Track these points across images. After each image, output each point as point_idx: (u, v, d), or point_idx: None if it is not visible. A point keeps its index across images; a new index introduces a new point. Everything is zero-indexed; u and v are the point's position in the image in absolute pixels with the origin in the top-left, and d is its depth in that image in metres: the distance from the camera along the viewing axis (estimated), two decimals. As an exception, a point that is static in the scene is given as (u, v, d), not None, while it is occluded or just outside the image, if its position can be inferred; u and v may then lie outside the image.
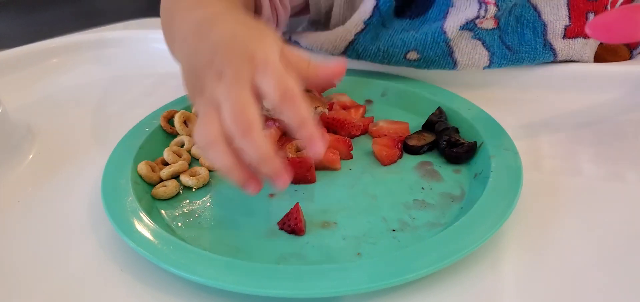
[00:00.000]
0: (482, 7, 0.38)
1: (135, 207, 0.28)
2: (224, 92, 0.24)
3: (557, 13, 0.40)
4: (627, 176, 0.31)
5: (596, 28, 0.31)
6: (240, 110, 0.23)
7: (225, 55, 0.25)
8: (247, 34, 0.27)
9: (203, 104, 0.25)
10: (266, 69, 0.24)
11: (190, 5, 0.33)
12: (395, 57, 0.41)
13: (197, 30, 0.29)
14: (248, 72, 0.24)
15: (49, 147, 0.38)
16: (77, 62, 0.53)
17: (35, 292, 0.25)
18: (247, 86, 0.24)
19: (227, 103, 0.24)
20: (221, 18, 0.29)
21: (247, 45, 0.25)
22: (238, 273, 0.23)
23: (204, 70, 0.26)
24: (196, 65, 0.27)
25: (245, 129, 0.23)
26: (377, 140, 0.35)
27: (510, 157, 0.31)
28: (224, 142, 0.24)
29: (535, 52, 0.40)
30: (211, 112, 0.24)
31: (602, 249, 0.26)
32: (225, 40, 0.26)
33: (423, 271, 0.23)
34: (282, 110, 0.24)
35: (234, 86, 0.24)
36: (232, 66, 0.25)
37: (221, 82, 0.24)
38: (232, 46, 0.26)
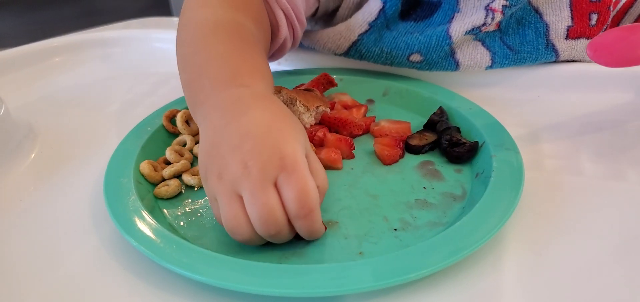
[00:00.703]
0: (488, 15, 0.38)
1: (137, 207, 0.28)
2: (250, 190, 0.24)
3: (559, 14, 0.40)
4: (629, 175, 0.31)
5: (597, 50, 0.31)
6: (269, 218, 0.24)
7: (255, 147, 0.25)
8: (281, 127, 0.26)
9: (223, 188, 0.25)
10: (292, 175, 0.24)
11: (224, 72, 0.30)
12: (398, 59, 0.41)
13: (230, 107, 0.28)
14: (274, 171, 0.24)
15: (50, 146, 0.38)
16: (79, 62, 0.53)
17: (37, 291, 0.25)
18: (271, 186, 0.24)
19: (253, 206, 0.24)
20: (257, 103, 0.28)
21: (278, 143, 0.25)
22: (240, 272, 0.23)
23: (229, 153, 0.25)
24: (221, 144, 0.26)
25: (275, 233, 0.25)
26: (379, 140, 0.35)
27: (512, 157, 0.31)
28: (257, 237, 0.25)
29: (538, 52, 0.40)
30: (235, 204, 0.25)
31: (604, 248, 0.26)
32: (258, 130, 0.26)
33: (425, 270, 0.23)
34: (298, 223, 0.25)
35: (260, 188, 0.24)
36: (260, 162, 0.24)
37: (246, 176, 0.24)
38: (264, 140, 0.25)
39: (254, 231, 0.25)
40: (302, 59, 0.48)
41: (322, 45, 0.44)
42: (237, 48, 0.32)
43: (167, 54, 0.55)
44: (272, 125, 0.26)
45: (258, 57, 0.33)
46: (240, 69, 0.31)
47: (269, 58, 0.41)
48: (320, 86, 0.41)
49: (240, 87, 0.29)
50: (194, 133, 0.37)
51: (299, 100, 0.35)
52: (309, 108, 0.35)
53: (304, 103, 0.35)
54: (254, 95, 0.29)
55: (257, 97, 0.28)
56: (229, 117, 0.27)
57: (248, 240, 0.25)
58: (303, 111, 0.35)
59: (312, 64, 0.47)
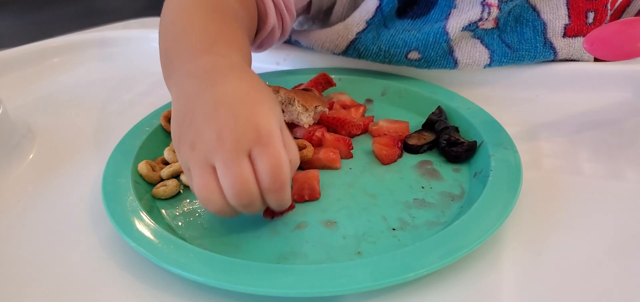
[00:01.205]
0: (485, 10, 0.38)
1: (135, 207, 0.28)
2: (223, 160, 0.24)
3: (556, 12, 0.40)
4: (627, 174, 0.31)
5: (594, 43, 0.31)
6: (242, 189, 0.24)
7: (230, 117, 0.24)
8: (256, 99, 0.25)
9: (196, 158, 0.24)
10: (267, 147, 0.24)
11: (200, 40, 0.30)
12: (396, 57, 0.41)
13: (204, 76, 0.27)
14: (249, 142, 0.24)
15: (49, 146, 0.38)
16: (78, 62, 0.53)
17: (35, 291, 0.25)
18: (245, 157, 0.24)
19: (227, 177, 0.24)
20: (233, 73, 0.27)
21: (253, 114, 0.25)
22: (238, 272, 0.23)
23: (203, 122, 0.25)
24: (195, 112, 0.25)
25: (247, 204, 0.24)
26: (377, 140, 0.35)
27: (510, 156, 0.31)
28: (229, 208, 0.25)
29: (536, 50, 0.41)
30: (208, 175, 0.24)
31: (602, 247, 0.26)
32: (233, 100, 0.25)
33: (423, 269, 0.23)
34: (269, 196, 0.25)
35: (234, 159, 0.24)
36: (235, 133, 0.24)
37: (220, 146, 0.24)
38: (240, 110, 0.25)
39: (226, 201, 0.24)
40: (300, 59, 0.48)
41: (320, 45, 0.44)
42: (216, 19, 0.32)
43: (166, 54, 0.54)
44: (248, 96, 0.25)
45: (237, 31, 0.32)
46: (217, 38, 0.30)
47: (258, 47, 0.41)
48: (319, 86, 0.41)
49: (217, 55, 0.28)
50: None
51: (297, 100, 0.35)
52: (308, 108, 0.35)
53: (302, 103, 0.35)
54: (230, 64, 0.28)
55: (233, 67, 0.28)
56: (204, 85, 0.26)
57: (220, 211, 0.25)
58: (301, 111, 0.35)
59: (310, 63, 0.47)
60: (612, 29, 0.31)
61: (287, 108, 0.35)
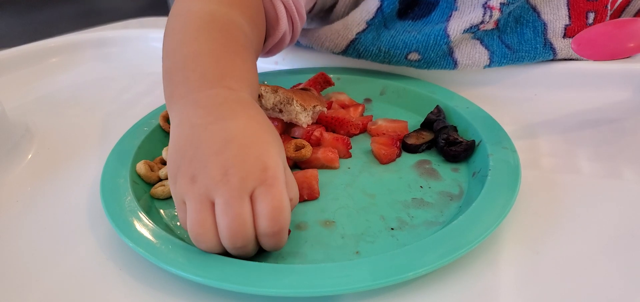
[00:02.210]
0: (486, 12, 0.38)
1: (133, 207, 0.28)
2: (225, 198, 0.23)
3: (556, 13, 0.40)
4: (626, 173, 0.31)
5: (581, 44, 0.31)
6: (238, 232, 0.23)
7: (239, 155, 0.24)
8: (265, 139, 0.25)
9: (196, 192, 0.24)
10: (270, 189, 0.23)
11: (210, 69, 0.29)
12: (396, 58, 0.41)
13: (213, 109, 0.26)
14: (254, 182, 0.23)
15: (47, 146, 0.38)
16: (76, 62, 0.53)
17: (33, 292, 0.25)
18: (248, 197, 0.23)
19: (226, 216, 0.23)
20: (244, 110, 0.27)
21: (262, 154, 0.24)
22: (236, 272, 0.23)
23: (209, 157, 0.24)
24: (200, 145, 0.24)
25: (240, 246, 0.24)
26: (376, 139, 0.35)
27: (509, 156, 0.31)
28: (220, 248, 0.24)
29: (536, 51, 0.40)
30: (206, 211, 0.23)
31: (601, 246, 0.26)
32: (243, 138, 0.25)
33: (421, 269, 0.23)
34: (266, 236, 0.24)
35: (237, 198, 0.23)
36: (242, 171, 0.23)
37: (225, 183, 0.23)
38: (249, 149, 0.24)
39: (218, 241, 0.24)
40: (299, 58, 0.48)
41: (319, 44, 0.44)
42: (228, 49, 0.31)
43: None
44: (257, 135, 0.25)
45: (248, 62, 0.32)
46: (228, 70, 0.29)
47: (267, 53, 0.40)
48: (318, 85, 0.41)
49: (227, 89, 0.28)
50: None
51: (295, 99, 0.35)
52: (306, 107, 0.35)
53: (300, 102, 0.35)
54: (239, 100, 0.27)
55: (243, 104, 0.27)
56: (212, 119, 0.26)
57: (210, 249, 0.24)
58: (300, 111, 0.35)
59: (309, 63, 0.47)
60: (600, 31, 0.31)
61: (285, 108, 0.35)
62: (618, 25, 0.31)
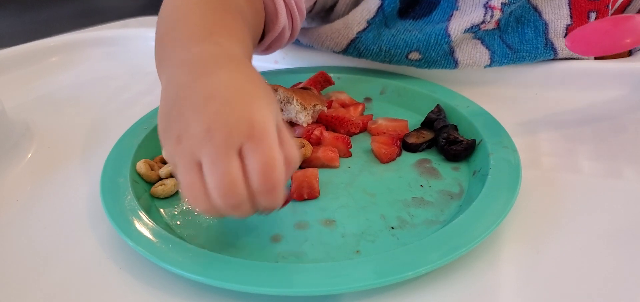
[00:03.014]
0: (487, 12, 0.38)
1: (133, 206, 0.28)
2: (210, 157, 0.22)
3: (558, 12, 0.40)
4: (626, 173, 0.31)
5: (575, 41, 0.31)
6: (228, 189, 0.22)
7: (221, 110, 0.22)
8: (252, 92, 0.24)
9: (182, 153, 0.22)
10: (259, 144, 0.22)
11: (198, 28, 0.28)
12: (396, 57, 0.41)
13: (199, 65, 0.25)
14: (240, 138, 0.22)
15: (47, 145, 0.38)
16: (76, 61, 0.53)
17: (34, 291, 0.25)
18: (235, 154, 0.22)
19: (213, 176, 0.22)
20: (230, 64, 0.25)
21: (248, 108, 0.23)
22: (236, 271, 0.23)
23: (191, 114, 0.23)
24: (183, 103, 0.23)
25: (234, 206, 0.22)
26: (376, 138, 0.35)
27: (509, 155, 0.30)
28: (216, 210, 0.23)
29: (537, 51, 0.40)
30: (194, 172, 0.22)
31: (601, 245, 0.26)
32: (226, 92, 0.23)
33: (422, 268, 0.23)
34: (258, 194, 0.22)
35: (222, 156, 0.22)
36: (226, 127, 0.22)
37: (208, 141, 0.22)
38: (233, 104, 0.23)
39: (211, 201, 0.22)
40: (299, 57, 0.48)
41: (320, 43, 0.43)
42: (219, 10, 0.29)
43: (165, 53, 0.54)
44: (243, 89, 0.24)
45: (240, 24, 0.30)
46: (217, 27, 0.28)
47: (266, 49, 0.40)
48: (318, 85, 0.41)
49: (214, 45, 0.26)
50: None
51: (295, 98, 0.35)
52: (306, 107, 0.35)
53: (300, 101, 0.35)
54: (227, 55, 0.26)
55: (231, 58, 0.26)
56: (196, 75, 0.24)
57: (206, 212, 0.23)
58: (300, 110, 0.35)
59: (309, 62, 0.47)
60: (595, 28, 0.31)
61: (285, 107, 0.35)
62: (613, 22, 0.31)
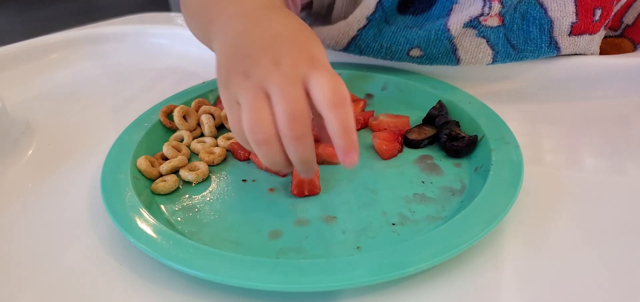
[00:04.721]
0: (486, 4, 0.38)
1: (134, 202, 0.28)
2: (280, 82, 0.24)
3: (563, 9, 0.39)
4: (629, 169, 0.31)
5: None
6: (297, 114, 0.23)
7: (286, 44, 0.26)
8: (308, 34, 0.27)
9: (250, 85, 0.24)
10: (323, 70, 0.24)
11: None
12: (397, 54, 0.41)
13: (254, 15, 0.28)
14: (305, 69, 0.24)
15: (48, 142, 0.38)
16: (76, 58, 0.53)
17: (35, 287, 0.25)
18: (301, 83, 0.24)
19: (282, 100, 0.23)
20: (282, 12, 0.29)
21: (308, 44, 0.26)
22: (237, 267, 0.23)
23: (258, 53, 0.25)
24: (249, 45, 0.26)
25: (299, 135, 0.24)
26: (377, 134, 0.34)
27: (511, 151, 0.30)
28: (278, 142, 0.24)
29: (540, 49, 0.40)
30: (261, 100, 0.24)
31: (603, 243, 0.26)
32: (287, 31, 0.27)
33: (423, 264, 0.23)
34: (331, 113, 0.23)
35: (291, 80, 0.24)
36: (293, 57, 0.25)
37: (277, 71, 0.24)
38: (295, 39, 0.26)
39: (275, 131, 0.24)
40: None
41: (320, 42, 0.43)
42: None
43: (165, 50, 0.54)
44: (301, 31, 0.27)
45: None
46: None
47: None
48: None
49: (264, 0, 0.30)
50: (191, 129, 0.37)
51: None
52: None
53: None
54: (278, 7, 0.29)
55: (283, 9, 0.29)
56: (255, 22, 0.27)
57: (267, 142, 0.24)
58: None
59: (310, 58, 0.47)
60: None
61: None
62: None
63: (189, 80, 0.44)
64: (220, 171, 0.33)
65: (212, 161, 0.33)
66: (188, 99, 0.39)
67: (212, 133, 0.37)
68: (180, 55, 0.52)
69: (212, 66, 0.38)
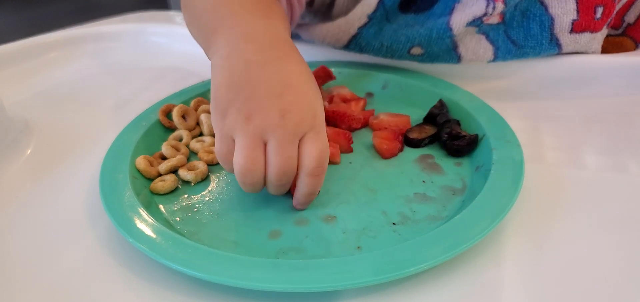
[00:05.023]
0: (489, 5, 0.37)
1: (133, 202, 0.28)
2: (281, 138, 0.25)
3: (564, 6, 0.39)
4: (631, 167, 0.31)
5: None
6: (288, 171, 0.26)
7: (296, 101, 0.26)
8: (314, 87, 0.28)
9: (250, 130, 0.25)
10: (318, 134, 0.26)
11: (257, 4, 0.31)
12: (398, 52, 0.40)
13: (268, 45, 0.28)
14: (306, 128, 0.26)
15: (46, 142, 0.38)
16: (75, 57, 0.53)
17: (33, 287, 0.25)
18: (297, 141, 0.26)
19: (279, 157, 0.25)
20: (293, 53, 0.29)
21: (313, 101, 0.27)
22: (237, 268, 0.23)
23: (268, 98, 0.26)
24: (259, 85, 0.26)
25: (284, 184, 0.27)
26: (378, 134, 0.34)
27: (512, 150, 0.30)
28: (262, 183, 0.27)
29: (541, 46, 0.40)
30: (258, 149, 0.25)
31: (604, 242, 0.25)
32: (299, 84, 0.27)
33: (424, 264, 0.23)
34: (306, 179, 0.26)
35: (291, 137, 0.25)
36: (299, 116, 0.26)
37: (281, 126, 0.25)
38: (304, 92, 0.27)
39: (263, 178, 0.26)
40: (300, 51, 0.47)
41: (321, 39, 0.43)
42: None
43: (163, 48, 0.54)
44: (309, 83, 0.27)
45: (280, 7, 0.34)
46: (273, 12, 0.31)
47: None
48: (319, 79, 0.40)
49: (274, 28, 0.30)
50: (190, 128, 0.37)
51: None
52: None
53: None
54: (287, 42, 0.29)
55: (292, 47, 0.29)
56: (266, 57, 0.27)
57: (254, 183, 0.26)
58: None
59: (310, 57, 0.46)
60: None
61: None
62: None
63: (188, 79, 0.44)
64: (219, 170, 0.33)
65: (211, 160, 0.33)
66: (187, 98, 0.39)
67: (211, 132, 0.36)
68: (180, 54, 0.52)
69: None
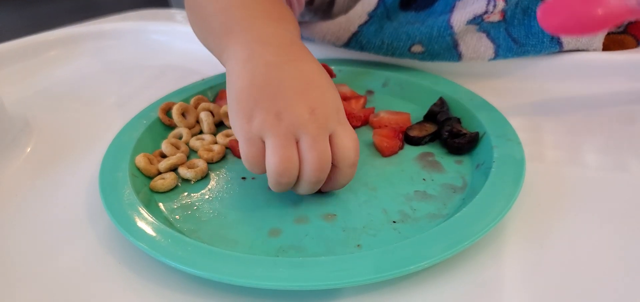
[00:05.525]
0: (490, 2, 0.37)
1: (133, 200, 0.28)
2: (314, 133, 0.25)
3: None
4: (632, 166, 0.31)
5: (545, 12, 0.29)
6: (324, 166, 0.26)
7: (321, 96, 0.26)
8: (331, 82, 0.28)
9: (282, 129, 0.25)
10: (346, 127, 0.27)
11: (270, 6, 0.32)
12: (399, 50, 0.40)
13: (286, 48, 0.29)
14: (333, 122, 0.26)
15: (46, 140, 0.38)
16: (75, 55, 0.53)
17: (33, 286, 0.25)
18: (328, 135, 0.26)
19: (314, 151, 0.25)
20: (307, 53, 0.29)
21: (335, 97, 0.27)
22: (237, 266, 0.23)
23: (294, 96, 0.26)
24: (283, 83, 0.26)
25: (319, 180, 0.26)
26: (378, 131, 0.34)
27: (513, 148, 0.30)
28: (292, 182, 0.26)
29: (542, 44, 0.39)
30: (292, 147, 0.25)
31: (605, 240, 0.25)
32: (317, 78, 0.27)
33: (424, 262, 0.23)
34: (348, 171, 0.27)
35: (323, 132, 0.26)
36: (326, 110, 0.26)
37: (313, 121, 0.25)
38: (326, 88, 0.27)
39: (296, 175, 0.26)
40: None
41: (321, 38, 0.43)
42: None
43: (164, 46, 0.54)
44: (327, 80, 0.28)
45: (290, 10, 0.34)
46: (285, 15, 0.32)
47: None
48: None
49: (288, 31, 0.30)
50: (190, 126, 0.37)
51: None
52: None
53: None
54: (300, 44, 0.30)
55: (305, 48, 0.30)
56: (286, 57, 0.28)
57: (288, 182, 0.26)
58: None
59: (310, 55, 0.46)
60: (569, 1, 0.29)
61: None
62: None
63: (189, 77, 0.43)
64: (219, 168, 0.33)
65: (211, 159, 0.33)
66: (187, 96, 0.39)
67: (211, 130, 0.36)
68: (180, 52, 0.52)
69: (212, 63, 0.38)
